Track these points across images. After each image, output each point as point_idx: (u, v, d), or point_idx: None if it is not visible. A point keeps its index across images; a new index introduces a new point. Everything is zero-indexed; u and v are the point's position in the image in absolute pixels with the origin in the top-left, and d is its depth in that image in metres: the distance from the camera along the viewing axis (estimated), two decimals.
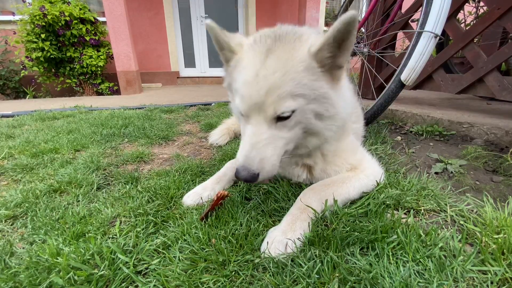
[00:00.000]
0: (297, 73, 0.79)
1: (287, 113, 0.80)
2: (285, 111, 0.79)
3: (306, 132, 0.91)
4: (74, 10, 4.76)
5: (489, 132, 1.69)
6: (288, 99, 0.78)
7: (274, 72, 0.78)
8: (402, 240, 0.78)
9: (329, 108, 0.87)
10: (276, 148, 0.84)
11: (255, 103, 0.80)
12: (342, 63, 0.84)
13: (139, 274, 0.74)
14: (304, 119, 0.86)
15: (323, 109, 0.86)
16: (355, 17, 0.72)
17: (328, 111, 0.87)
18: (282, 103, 0.78)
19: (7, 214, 1.04)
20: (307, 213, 0.88)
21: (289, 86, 0.78)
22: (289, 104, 0.79)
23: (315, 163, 1.08)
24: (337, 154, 1.07)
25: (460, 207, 0.97)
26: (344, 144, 1.09)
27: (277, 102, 0.78)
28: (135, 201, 1.08)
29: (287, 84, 0.78)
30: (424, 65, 1.59)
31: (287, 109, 0.79)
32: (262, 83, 0.78)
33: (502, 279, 0.68)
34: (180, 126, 2.45)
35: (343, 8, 2.93)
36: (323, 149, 1.06)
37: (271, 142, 0.82)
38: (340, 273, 0.68)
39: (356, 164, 1.08)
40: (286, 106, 0.79)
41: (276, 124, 0.83)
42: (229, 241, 0.83)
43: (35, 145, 1.85)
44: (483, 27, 1.98)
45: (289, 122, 0.83)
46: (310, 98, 0.82)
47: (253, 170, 0.79)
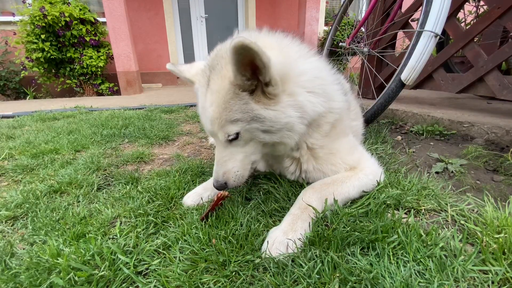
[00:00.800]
0: (227, 102, 0.86)
1: (232, 136, 0.90)
2: (229, 135, 0.90)
3: (266, 144, 0.95)
4: (74, 11, 4.76)
5: (490, 132, 1.69)
6: (228, 125, 0.88)
7: (211, 105, 0.88)
8: (402, 240, 0.78)
9: (273, 124, 0.87)
10: (236, 161, 0.96)
11: (209, 131, 0.96)
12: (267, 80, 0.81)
13: (140, 275, 0.74)
14: (254, 136, 0.91)
15: (267, 126, 0.88)
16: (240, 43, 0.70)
17: (273, 126, 0.88)
18: (224, 130, 0.89)
19: (7, 215, 1.05)
20: (308, 212, 0.88)
21: (225, 115, 0.87)
22: (230, 129, 0.89)
23: (301, 155, 1.08)
24: (332, 152, 1.07)
25: (460, 207, 0.97)
26: (340, 143, 1.09)
27: (221, 129, 0.90)
28: (136, 202, 1.08)
29: (223, 114, 0.87)
30: (424, 64, 1.59)
31: (230, 133, 0.89)
32: (206, 115, 0.92)
33: (503, 278, 0.68)
34: (180, 126, 2.45)
35: (343, 7, 2.94)
36: (307, 143, 1.06)
37: (230, 158, 0.95)
38: (341, 273, 0.68)
39: (354, 164, 1.08)
40: (228, 131, 0.89)
41: (231, 143, 0.93)
42: (230, 241, 0.83)
43: (36, 145, 1.85)
44: (483, 26, 1.97)
45: (239, 141, 0.93)
46: (247, 119, 0.87)
47: (220, 182, 0.95)
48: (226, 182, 0.95)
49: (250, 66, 0.79)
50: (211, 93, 0.89)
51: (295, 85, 0.89)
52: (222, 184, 0.95)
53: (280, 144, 0.96)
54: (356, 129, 1.41)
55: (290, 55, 0.94)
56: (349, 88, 1.48)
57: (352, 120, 1.32)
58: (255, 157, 1.00)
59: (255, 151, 0.97)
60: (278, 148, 1.00)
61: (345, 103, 1.20)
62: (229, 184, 0.96)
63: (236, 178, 0.96)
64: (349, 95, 1.39)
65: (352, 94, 1.50)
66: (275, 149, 1.00)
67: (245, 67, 0.79)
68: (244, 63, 0.77)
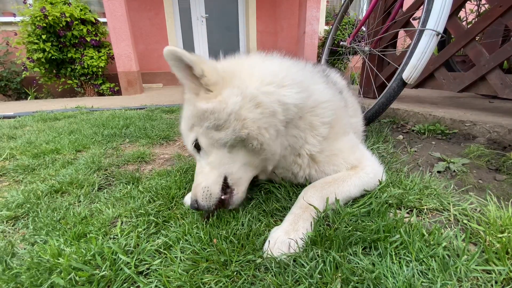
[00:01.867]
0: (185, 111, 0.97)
1: (194, 143, 0.94)
2: (191, 142, 0.95)
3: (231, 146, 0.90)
4: (74, 11, 4.77)
5: (492, 131, 1.68)
6: (188, 133, 0.96)
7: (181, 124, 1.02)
8: (405, 240, 0.77)
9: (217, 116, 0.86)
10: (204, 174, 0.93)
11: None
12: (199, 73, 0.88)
13: (141, 275, 0.74)
14: (210, 139, 0.91)
15: (214, 120, 0.87)
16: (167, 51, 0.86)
17: (219, 119, 0.86)
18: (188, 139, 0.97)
19: (8, 214, 1.05)
20: (309, 212, 0.88)
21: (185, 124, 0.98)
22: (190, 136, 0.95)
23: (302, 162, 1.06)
24: (334, 153, 1.06)
25: (463, 206, 0.97)
26: (342, 143, 1.08)
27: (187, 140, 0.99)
28: (136, 202, 1.08)
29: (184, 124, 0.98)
30: (425, 63, 1.58)
31: (191, 141, 0.95)
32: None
33: (506, 278, 0.68)
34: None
35: (344, 7, 2.93)
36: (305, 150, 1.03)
37: (201, 171, 0.95)
38: (343, 273, 0.68)
39: (356, 163, 1.07)
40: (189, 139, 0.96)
41: (199, 154, 0.96)
42: (231, 241, 0.82)
43: (37, 146, 1.85)
44: (485, 25, 1.96)
45: (202, 151, 0.95)
46: (199, 122, 0.91)
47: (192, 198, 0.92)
48: (196, 200, 0.90)
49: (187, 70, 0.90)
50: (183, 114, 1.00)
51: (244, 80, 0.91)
52: (193, 201, 0.90)
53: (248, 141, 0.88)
54: (355, 126, 1.40)
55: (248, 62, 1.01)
56: (345, 86, 1.48)
57: (351, 116, 1.31)
58: (225, 168, 0.92)
59: (221, 160, 0.91)
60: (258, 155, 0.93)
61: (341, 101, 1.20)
62: (199, 202, 0.89)
63: (204, 195, 0.89)
64: (345, 92, 1.39)
65: (349, 91, 1.49)
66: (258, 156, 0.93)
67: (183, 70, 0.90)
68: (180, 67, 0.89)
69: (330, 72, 1.43)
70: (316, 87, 1.05)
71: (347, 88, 1.46)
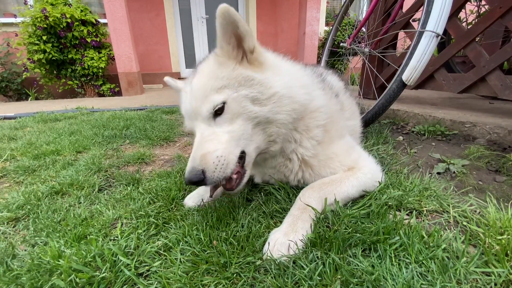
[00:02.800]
0: (213, 71, 0.88)
1: (219, 105, 0.85)
2: (215, 105, 0.85)
3: (258, 123, 0.90)
4: (75, 12, 4.78)
5: (492, 132, 1.68)
6: (214, 94, 0.86)
7: (198, 82, 0.89)
8: (404, 242, 0.77)
9: (263, 90, 0.88)
10: (219, 143, 0.84)
11: (191, 113, 0.91)
12: (250, 46, 0.88)
13: (141, 276, 0.74)
14: (241, 109, 0.86)
15: (256, 92, 0.87)
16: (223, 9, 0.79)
17: (262, 93, 0.88)
18: (210, 99, 0.85)
19: (9, 216, 1.05)
20: (307, 213, 0.88)
21: (210, 83, 0.86)
22: (216, 98, 0.85)
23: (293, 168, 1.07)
24: (330, 157, 1.06)
25: (463, 208, 0.97)
26: (337, 146, 1.08)
27: (206, 101, 0.86)
28: (137, 203, 1.08)
29: (208, 83, 0.87)
30: (425, 64, 1.58)
31: (216, 102, 0.85)
32: (191, 95, 0.90)
33: (506, 280, 0.68)
34: (181, 127, 2.46)
35: (344, 7, 2.93)
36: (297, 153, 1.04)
37: (213, 139, 0.85)
38: (342, 275, 0.68)
39: (352, 164, 1.07)
40: (214, 100, 0.85)
41: (215, 121, 0.87)
42: (231, 242, 0.82)
43: (37, 147, 1.85)
44: (485, 26, 1.96)
45: (225, 116, 0.86)
46: (235, 86, 0.86)
47: (196, 167, 0.79)
48: (204, 170, 0.78)
49: (234, 36, 0.86)
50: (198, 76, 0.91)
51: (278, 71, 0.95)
52: (198, 172, 0.77)
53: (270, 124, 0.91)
54: (353, 128, 1.40)
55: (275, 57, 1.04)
56: (341, 88, 1.47)
57: (346, 119, 1.31)
58: (244, 143, 0.88)
59: (244, 133, 0.87)
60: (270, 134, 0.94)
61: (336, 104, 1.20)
62: (208, 173, 0.78)
63: (219, 165, 0.80)
64: (342, 95, 1.38)
65: (346, 93, 1.49)
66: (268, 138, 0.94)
67: (230, 35, 0.86)
68: (229, 31, 0.84)
69: (327, 75, 1.42)
70: (316, 92, 1.06)
71: (344, 90, 1.45)
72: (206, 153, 0.81)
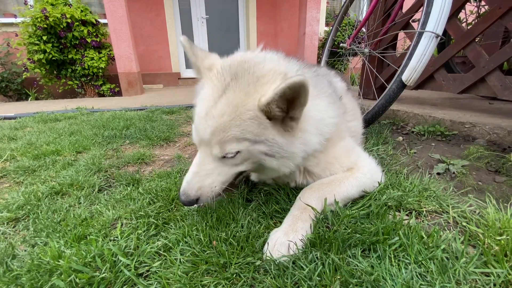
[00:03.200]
0: (244, 120, 0.79)
1: (231, 154, 0.82)
2: (229, 153, 0.82)
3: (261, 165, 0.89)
4: (75, 12, 4.78)
5: (492, 132, 1.68)
6: (233, 142, 0.80)
7: (222, 115, 0.79)
8: (404, 242, 0.77)
9: (280, 151, 0.85)
10: (218, 177, 0.87)
11: (202, 139, 0.84)
12: (296, 116, 0.83)
13: (141, 277, 0.74)
14: (253, 157, 0.85)
15: (273, 151, 0.84)
16: (301, 83, 0.71)
17: (278, 153, 0.85)
18: (226, 145, 0.81)
19: (9, 216, 1.05)
20: (307, 212, 0.88)
21: (235, 130, 0.79)
22: (233, 146, 0.81)
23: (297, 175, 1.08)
24: (329, 161, 1.06)
25: (462, 208, 0.97)
26: (338, 149, 1.07)
27: (222, 143, 0.81)
28: (137, 203, 1.08)
29: (234, 129, 0.79)
30: (425, 65, 1.59)
31: (231, 151, 0.81)
32: (210, 122, 0.80)
33: (505, 281, 0.68)
34: (181, 127, 2.46)
35: (344, 8, 2.93)
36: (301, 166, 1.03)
37: (213, 173, 0.87)
38: (342, 275, 0.68)
39: (351, 165, 1.08)
40: (229, 148, 0.81)
41: (222, 159, 0.85)
42: (230, 243, 0.82)
43: (37, 147, 1.86)
44: (484, 26, 1.97)
45: (235, 160, 0.85)
46: (255, 141, 0.82)
47: (191, 196, 0.85)
48: (199, 198, 0.86)
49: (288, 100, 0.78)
50: (226, 103, 0.79)
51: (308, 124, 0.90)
52: (191, 200, 0.85)
53: (274, 171, 0.92)
54: (355, 130, 1.40)
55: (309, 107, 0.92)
56: (344, 89, 1.45)
57: (348, 121, 1.31)
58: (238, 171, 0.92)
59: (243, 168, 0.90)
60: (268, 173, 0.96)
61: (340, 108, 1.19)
62: (201, 200, 0.87)
63: (211, 194, 0.88)
64: (344, 96, 1.36)
65: (348, 95, 1.48)
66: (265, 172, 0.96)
67: (283, 100, 0.77)
68: (285, 97, 0.76)
69: (331, 77, 1.40)
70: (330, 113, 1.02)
71: (346, 92, 1.44)
72: (203, 187, 0.86)
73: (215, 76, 0.86)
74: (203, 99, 0.86)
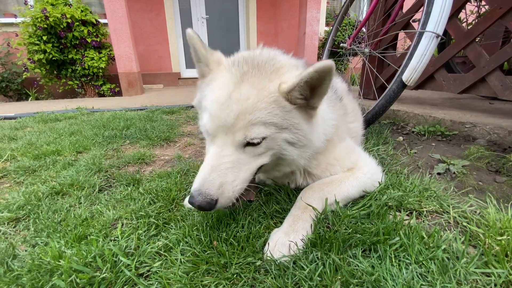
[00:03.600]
0: (270, 103, 0.77)
1: (257, 140, 0.78)
2: (255, 137, 0.77)
3: (279, 158, 0.89)
4: (75, 12, 4.78)
5: (492, 132, 1.68)
6: (260, 125, 0.77)
7: (248, 98, 0.76)
8: (404, 242, 0.77)
9: (302, 139, 0.85)
10: (240, 174, 0.79)
11: (223, 125, 0.78)
12: (316, 105, 0.84)
13: (141, 277, 0.74)
14: (276, 146, 0.83)
15: (296, 139, 0.84)
16: (330, 67, 0.71)
17: (300, 141, 0.85)
18: (253, 129, 0.76)
19: (9, 216, 1.05)
20: (308, 212, 0.88)
21: (262, 113, 0.76)
22: (260, 130, 0.77)
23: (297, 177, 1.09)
24: (330, 163, 1.06)
25: (463, 208, 0.97)
26: (338, 151, 1.08)
27: (248, 127, 0.76)
28: (137, 203, 1.08)
29: (260, 111, 0.76)
30: (425, 65, 1.59)
31: (257, 135, 0.77)
32: (234, 106, 0.76)
33: (505, 281, 0.68)
34: (181, 127, 2.46)
35: (344, 8, 2.93)
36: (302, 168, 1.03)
37: (235, 167, 0.79)
38: (342, 275, 0.68)
39: (352, 166, 1.08)
40: (257, 132, 0.77)
41: (244, 148, 0.80)
42: (231, 243, 0.82)
43: (38, 147, 1.86)
44: (485, 26, 1.97)
45: (259, 149, 0.80)
46: (282, 127, 0.80)
47: (211, 196, 0.73)
48: (218, 198, 0.75)
49: (310, 89, 0.78)
50: (250, 86, 0.78)
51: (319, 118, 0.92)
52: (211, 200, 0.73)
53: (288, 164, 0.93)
54: (355, 131, 1.40)
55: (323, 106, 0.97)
56: (345, 90, 1.45)
57: (349, 122, 1.31)
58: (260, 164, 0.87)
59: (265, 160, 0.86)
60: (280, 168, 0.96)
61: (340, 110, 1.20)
62: (220, 202, 0.76)
63: (232, 195, 0.78)
64: (345, 98, 1.36)
65: (349, 96, 1.47)
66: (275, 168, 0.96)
67: (306, 87, 0.77)
68: (309, 84, 0.76)
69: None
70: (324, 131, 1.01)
71: (347, 92, 1.44)
72: (225, 183, 0.76)
73: (232, 67, 0.85)
74: (218, 87, 0.82)
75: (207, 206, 0.74)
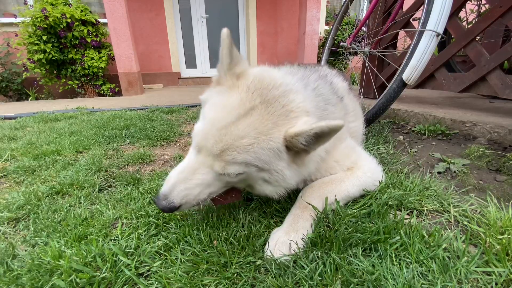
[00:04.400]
0: (262, 149, 0.76)
1: (232, 175, 0.78)
2: (232, 173, 0.77)
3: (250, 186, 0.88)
4: (75, 12, 4.77)
5: (492, 131, 1.68)
6: (241, 165, 0.76)
7: (243, 137, 0.74)
8: (405, 241, 0.77)
9: (280, 181, 0.83)
10: (208, 189, 0.82)
11: (208, 148, 0.77)
12: (312, 151, 0.83)
13: (141, 276, 0.74)
14: (251, 180, 0.84)
15: (273, 179, 0.83)
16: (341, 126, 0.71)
17: (277, 181, 0.84)
18: (232, 166, 0.76)
19: (9, 216, 1.05)
20: (308, 211, 0.88)
21: (249, 156, 0.75)
22: (240, 169, 0.77)
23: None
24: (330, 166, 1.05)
25: (463, 207, 0.97)
26: (338, 152, 1.07)
27: (228, 163, 0.76)
28: (137, 203, 1.08)
29: (248, 154, 0.75)
30: (426, 64, 1.58)
31: (235, 172, 0.77)
32: (226, 138, 0.74)
33: (506, 280, 0.68)
34: (181, 127, 2.46)
35: (344, 7, 2.93)
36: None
37: (205, 184, 0.80)
38: (343, 274, 0.68)
39: (352, 165, 1.08)
40: (236, 169, 0.76)
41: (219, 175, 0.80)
42: (231, 242, 0.82)
43: (37, 147, 1.85)
44: (485, 25, 1.96)
45: (232, 179, 0.81)
46: (263, 169, 0.79)
47: (174, 204, 0.77)
48: (181, 206, 0.79)
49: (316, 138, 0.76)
50: (250, 126, 0.75)
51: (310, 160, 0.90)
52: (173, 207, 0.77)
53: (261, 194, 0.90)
54: (356, 130, 1.38)
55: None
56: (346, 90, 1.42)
57: (349, 122, 1.30)
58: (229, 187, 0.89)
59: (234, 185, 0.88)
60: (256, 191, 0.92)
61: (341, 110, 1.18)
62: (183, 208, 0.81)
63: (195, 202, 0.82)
64: (346, 97, 1.34)
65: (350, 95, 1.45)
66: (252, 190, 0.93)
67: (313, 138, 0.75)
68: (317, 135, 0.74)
69: (332, 77, 1.36)
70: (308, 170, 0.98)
71: (348, 92, 1.42)
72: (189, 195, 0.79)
73: (244, 90, 0.80)
74: (223, 107, 0.79)
75: (168, 211, 0.79)
